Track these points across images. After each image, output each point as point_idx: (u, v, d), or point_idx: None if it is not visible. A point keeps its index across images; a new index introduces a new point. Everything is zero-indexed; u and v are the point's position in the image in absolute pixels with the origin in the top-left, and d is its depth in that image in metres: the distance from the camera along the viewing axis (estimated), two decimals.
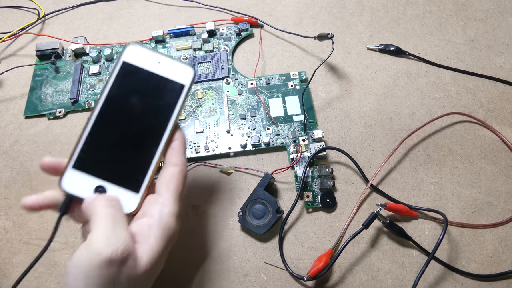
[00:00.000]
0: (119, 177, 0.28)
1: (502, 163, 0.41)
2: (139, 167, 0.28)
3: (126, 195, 0.28)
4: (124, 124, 0.29)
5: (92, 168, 0.28)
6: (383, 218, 0.35)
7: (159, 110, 0.29)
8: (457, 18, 0.53)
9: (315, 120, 0.45)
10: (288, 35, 0.52)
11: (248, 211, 0.38)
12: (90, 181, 0.28)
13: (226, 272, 0.37)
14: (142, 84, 0.29)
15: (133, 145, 0.28)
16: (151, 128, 0.29)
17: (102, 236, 0.23)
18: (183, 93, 0.29)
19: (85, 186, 0.27)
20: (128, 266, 0.24)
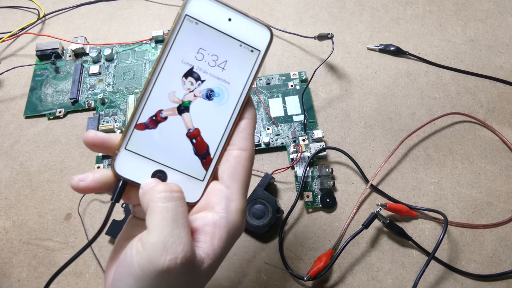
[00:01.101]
0: (182, 160, 0.24)
1: (502, 163, 0.41)
2: (205, 148, 0.24)
3: (189, 182, 0.24)
4: (186, 97, 0.24)
5: (148, 149, 0.23)
6: (383, 218, 0.35)
7: (228, 79, 0.24)
8: (457, 18, 0.53)
9: (315, 120, 0.45)
10: (288, 35, 0.52)
11: (248, 211, 0.38)
12: (147, 164, 0.23)
13: (226, 272, 0.37)
14: (209, 45, 0.24)
15: (197, 119, 0.24)
16: (219, 103, 0.24)
17: (159, 241, 0.20)
18: (257, 60, 0.24)
19: (141, 170, 0.23)
20: (186, 272, 0.20)
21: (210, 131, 0.24)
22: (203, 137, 0.24)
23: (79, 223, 0.40)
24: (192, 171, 0.24)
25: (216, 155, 0.24)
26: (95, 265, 0.38)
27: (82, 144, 0.45)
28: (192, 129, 0.24)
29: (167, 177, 0.23)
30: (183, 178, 0.24)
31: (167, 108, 0.23)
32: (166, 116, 0.23)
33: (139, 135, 0.23)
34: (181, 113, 0.24)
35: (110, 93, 0.48)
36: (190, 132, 0.24)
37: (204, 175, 0.24)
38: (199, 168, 0.24)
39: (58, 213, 0.41)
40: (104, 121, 0.46)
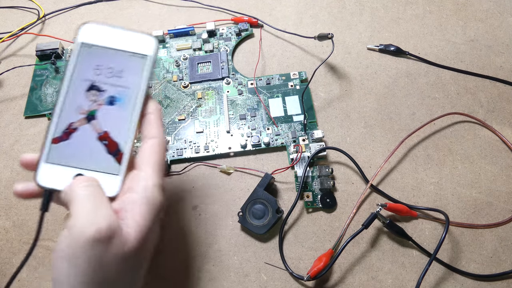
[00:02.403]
0: (97, 161, 0.27)
1: (502, 163, 0.41)
2: (116, 146, 0.27)
3: (107, 178, 0.27)
4: (92, 107, 0.28)
5: (65, 158, 0.27)
6: (383, 218, 0.35)
7: (126, 85, 0.28)
8: (457, 18, 0.53)
9: (315, 120, 0.45)
10: (288, 35, 0.52)
11: (248, 211, 0.38)
12: (66, 171, 0.26)
13: (226, 272, 0.37)
14: (103, 61, 0.28)
15: (105, 123, 0.28)
16: (121, 106, 0.28)
17: (84, 216, 0.22)
18: (148, 63, 0.28)
19: (62, 177, 0.26)
20: (114, 244, 0.23)
21: (118, 131, 0.27)
22: (112, 137, 0.27)
23: None
24: (108, 168, 0.27)
25: (127, 150, 0.27)
26: None
27: None
28: (101, 133, 0.27)
29: None
30: (101, 176, 0.27)
31: (77, 119, 0.27)
32: (76, 127, 0.27)
33: (56, 148, 0.27)
34: (89, 121, 0.27)
35: None
36: (100, 136, 0.27)
37: (119, 170, 0.27)
38: (113, 164, 0.27)
39: (58, 213, 0.41)
40: None
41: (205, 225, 0.39)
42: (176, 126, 0.45)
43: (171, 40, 0.52)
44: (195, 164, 0.43)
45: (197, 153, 0.43)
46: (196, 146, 0.43)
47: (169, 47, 0.51)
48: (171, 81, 0.48)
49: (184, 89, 0.48)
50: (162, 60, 0.50)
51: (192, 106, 0.46)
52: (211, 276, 0.37)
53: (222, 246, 0.38)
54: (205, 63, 0.50)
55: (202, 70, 0.49)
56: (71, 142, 0.27)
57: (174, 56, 0.51)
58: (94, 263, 0.22)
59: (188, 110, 0.46)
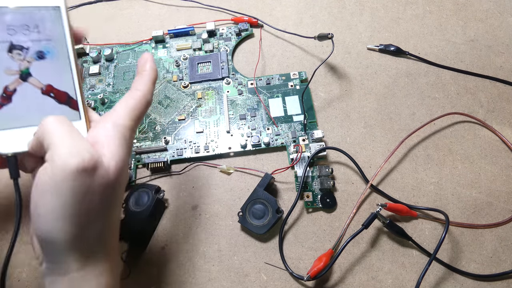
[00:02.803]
0: (53, 114, 0.26)
1: (502, 163, 0.41)
2: (66, 95, 0.28)
3: None
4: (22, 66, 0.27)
5: (18, 120, 0.26)
6: (383, 218, 0.35)
7: (48, 37, 0.28)
8: (457, 18, 0.53)
9: (315, 120, 0.45)
10: (288, 35, 0.52)
11: (248, 211, 0.38)
12: (25, 132, 0.26)
13: (226, 272, 0.37)
14: (15, 21, 0.27)
15: (43, 77, 0.27)
16: (53, 58, 0.28)
17: (65, 147, 0.22)
18: (62, 14, 0.28)
19: (22, 139, 0.26)
20: (98, 175, 0.23)
21: (61, 81, 0.27)
22: (58, 88, 0.27)
23: None
24: (68, 117, 0.26)
25: (78, 95, 0.28)
26: None
27: None
28: (44, 87, 0.27)
29: None
30: None
31: (10, 81, 0.26)
32: (14, 88, 0.26)
33: (2, 114, 0.26)
34: (26, 80, 0.27)
35: (110, 93, 0.48)
36: (44, 90, 0.27)
37: (79, 115, 0.28)
38: (70, 112, 0.27)
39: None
40: None
41: (205, 225, 0.39)
42: (176, 126, 0.45)
43: (171, 40, 0.52)
44: (195, 164, 0.43)
45: (197, 153, 0.43)
46: (196, 146, 0.43)
47: (169, 47, 0.51)
48: (171, 81, 0.48)
49: (184, 89, 0.48)
50: (162, 60, 0.50)
51: (192, 106, 0.46)
52: (211, 276, 0.37)
53: (222, 246, 0.38)
54: (205, 63, 0.50)
55: (202, 70, 0.49)
56: (16, 104, 0.27)
57: (174, 56, 0.51)
58: (80, 194, 0.22)
59: (188, 110, 0.46)
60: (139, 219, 0.37)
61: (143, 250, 0.38)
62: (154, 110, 0.46)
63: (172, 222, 0.40)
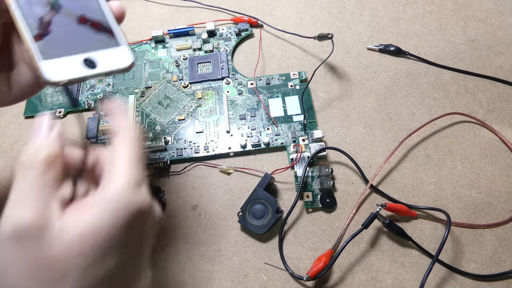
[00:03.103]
0: (93, 43, 0.27)
1: (502, 163, 0.41)
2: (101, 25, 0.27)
3: (115, 53, 0.27)
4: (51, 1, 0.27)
5: (61, 49, 0.26)
6: (383, 218, 0.35)
7: None
8: (457, 18, 0.53)
9: (315, 120, 0.45)
10: (288, 35, 0.52)
11: (248, 211, 0.38)
12: (70, 60, 0.26)
13: (226, 272, 0.37)
14: None
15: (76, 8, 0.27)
16: None
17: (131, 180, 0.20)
18: None
19: (70, 67, 0.26)
20: None
21: (92, 11, 0.27)
22: (92, 18, 0.27)
23: None
24: (108, 44, 0.27)
25: (112, 23, 0.27)
26: None
27: None
28: (78, 17, 0.27)
29: (95, 61, 0.26)
30: (108, 53, 0.27)
31: (43, 13, 0.26)
32: (49, 19, 0.26)
33: (43, 44, 0.25)
34: (58, 11, 0.26)
35: (110, 93, 0.48)
36: (79, 20, 0.27)
37: (118, 41, 0.27)
38: (109, 39, 0.27)
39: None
40: (104, 121, 0.46)
41: (205, 225, 0.39)
42: (176, 126, 0.45)
43: (171, 40, 0.52)
44: (195, 164, 0.43)
45: (197, 153, 0.43)
46: (196, 146, 0.43)
47: (169, 47, 0.51)
48: (171, 81, 0.48)
49: (184, 89, 0.48)
50: (162, 60, 0.50)
51: (192, 106, 0.46)
52: (211, 276, 0.37)
53: (222, 246, 0.38)
54: (205, 63, 0.50)
55: (202, 70, 0.49)
56: (55, 35, 0.26)
57: (174, 56, 0.51)
58: None
59: (188, 110, 0.46)
60: None
61: None
62: (154, 110, 0.46)
63: (172, 222, 0.40)
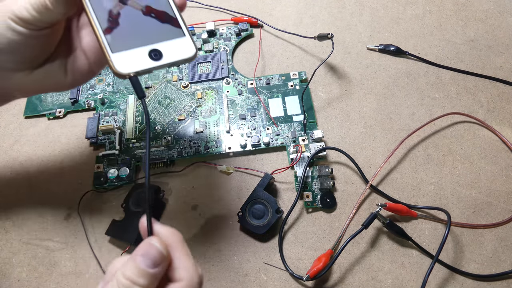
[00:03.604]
0: (159, 33, 0.28)
1: (502, 163, 0.41)
2: (165, 15, 0.28)
3: (180, 43, 0.28)
4: None
5: (129, 41, 0.27)
6: (383, 218, 0.35)
7: None
8: (457, 18, 0.53)
9: (315, 120, 0.45)
10: (288, 35, 0.52)
11: (248, 211, 0.38)
12: (138, 52, 0.27)
13: (226, 272, 0.37)
14: None
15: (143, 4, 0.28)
16: None
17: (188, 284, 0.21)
18: None
19: (139, 58, 0.27)
20: None
21: (156, 2, 0.28)
22: (156, 8, 0.28)
23: (79, 223, 0.40)
24: (173, 35, 0.28)
25: (176, 13, 0.28)
26: (95, 265, 0.38)
27: (82, 144, 0.45)
28: (144, 8, 0.28)
29: (161, 52, 0.27)
30: (173, 44, 0.28)
31: (112, 5, 0.27)
32: (118, 12, 0.27)
33: (113, 37, 0.26)
34: (126, 3, 0.27)
35: (110, 93, 0.48)
36: (144, 11, 0.28)
37: (182, 32, 0.28)
38: (174, 30, 0.28)
39: (58, 213, 0.41)
40: (104, 121, 0.46)
41: (205, 225, 0.39)
42: (176, 126, 0.45)
43: None
44: (195, 164, 0.43)
45: (197, 153, 0.43)
46: (196, 146, 0.43)
47: None
48: (171, 81, 0.48)
49: (184, 89, 0.48)
50: None
51: (192, 106, 0.46)
52: (211, 276, 0.37)
53: (222, 246, 0.38)
54: (205, 63, 0.50)
55: (202, 70, 0.49)
56: (123, 27, 0.27)
57: None
58: None
59: (188, 110, 0.46)
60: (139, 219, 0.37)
61: None
62: (154, 110, 0.46)
63: (172, 222, 0.40)
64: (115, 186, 0.42)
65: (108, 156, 0.43)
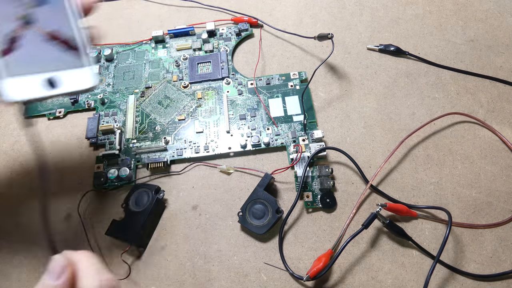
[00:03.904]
0: (57, 62, 0.27)
1: (502, 163, 0.41)
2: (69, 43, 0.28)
3: (77, 73, 0.27)
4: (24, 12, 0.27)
5: (26, 67, 0.26)
6: (383, 218, 0.35)
7: None
8: (457, 18, 0.53)
9: (315, 120, 0.45)
10: (288, 35, 0.52)
11: (248, 211, 0.38)
12: (34, 79, 0.26)
13: (226, 272, 0.37)
14: None
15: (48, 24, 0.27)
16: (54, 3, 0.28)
17: None
18: None
19: (32, 86, 0.26)
20: None
21: (62, 27, 0.27)
22: (60, 35, 0.27)
23: (79, 223, 0.40)
24: (72, 64, 0.27)
25: (79, 42, 0.28)
26: None
27: (82, 144, 0.45)
28: (47, 33, 0.27)
29: (57, 80, 0.27)
30: (71, 73, 0.27)
31: (14, 28, 0.26)
32: (19, 35, 0.26)
33: (10, 60, 0.26)
34: (29, 27, 0.27)
35: (110, 93, 0.48)
36: (47, 37, 0.27)
37: (82, 62, 0.27)
38: (74, 59, 0.27)
39: (58, 213, 0.41)
40: (104, 121, 0.46)
41: (205, 225, 0.39)
42: (176, 126, 0.45)
43: (171, 40, 0.52)
44: (195, 164, 0.43)
45: (197, 153, 0.43)
46: (196, 146, 0.43)
47: (169, 47, 0.51)
48: (171, 81, 0.48)
49: (184, 89, 0.48)
50: (162, 60, 0.50)
51: (192, 106, 0.46)
52: (211, 276, 0.37)
53: (222, 246, 0.38)
54: (205, 63, 0.50)
55: (202, 70, 0.49)
56: (23, 51, 0.26)
57: (174, 56, 0.51)
58: None
59: (188, 110, 0.46)
60: (139, 219, 0.37)
61: (143, 250, 0.38)
62: (154, 110, 0.46)
63: (172, 222, 0.40)
64: (115, 186, 0.42)
65: (108, 156, 0.43)
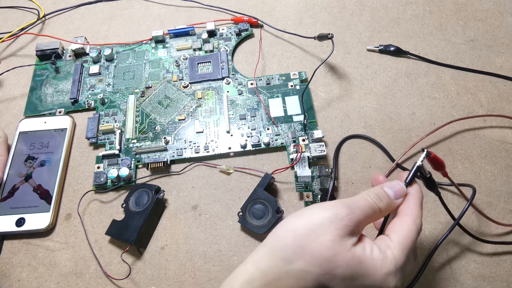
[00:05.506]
0: (33, 205, 0.39)
1: (502, 163, 0.41)
2: (47, 193, 0.40)
3: (41, 216, 0.39)
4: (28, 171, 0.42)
5: (10, 209, 0.39)
6: (425, 171, 0.30)
7: (51, 151, 0.43)
8: (457, 18, 0.53)
9: (315, 120, 0.45)
10: (288, 35, 0.52)
11: (248, 211, 0.38)
12: (10, 218, 0.39)
13: (226, 272, 0.37)
14: (37, 140, 0.43)
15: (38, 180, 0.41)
16: (49, 165, 0.42)
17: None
18: (67, 134, 0.44)
19: (7, 223, 0.39)
20: None
21: (47, 182, 0.41)
22: (44, 187, 0.40)
23: (79, 223, 0.40)
24: (41, 209, 0.40)
25: (54, 193, 0.40)
26: (95, 265, 0.38)
27: (82, 144, 0.45)
28: (36, 186, 0.41)
29: (25, 220, 0.39)
30: (37, 216, 0.39)
31: (18, 181, 0.41)
32: (18, 186, 0.41)
33: (2, 204, 0.40)
34: (27, 181, 0.41)
35: (110, 93, 0.48)
36: (35, 188, 0.41)
37: (49, 208, 0.40)
38: (45, 205, 0.40)
39: (58, 213, 0.41)
40: (104, 121, 0.46)
41: (205, 225, 0.39)
42: (176, 126, 0.45)
43: (171, 40, 0.52)
44: (195, 164, 0.43)
45: (197, 153, 0.43)
46: (196, 146, 0.43)
47: (169, 47, 0.51)
48: (171, 81, 0.48)
49: (184, 89, 0.48)
50: (162, 60, 0.50)
51: (192, 106, 0.46)
52: (211, 276, 0.37)
53: (222, 246, 0.38)
54: (205, 63, 0.50)
55: (202, 70, 0.49)
56: (15, 198, 0.40)
57: (174, 56, 0.51)
58: None
59: (188, 110, 0.46)
60: (139, 219, 0.37)
61: (143, 250, 0.38)
62: (154, 110, 0.46)
63: (172, 222, 0.40)
64: (115, 186, 0.42)
65: (108, 156, 0.43)
